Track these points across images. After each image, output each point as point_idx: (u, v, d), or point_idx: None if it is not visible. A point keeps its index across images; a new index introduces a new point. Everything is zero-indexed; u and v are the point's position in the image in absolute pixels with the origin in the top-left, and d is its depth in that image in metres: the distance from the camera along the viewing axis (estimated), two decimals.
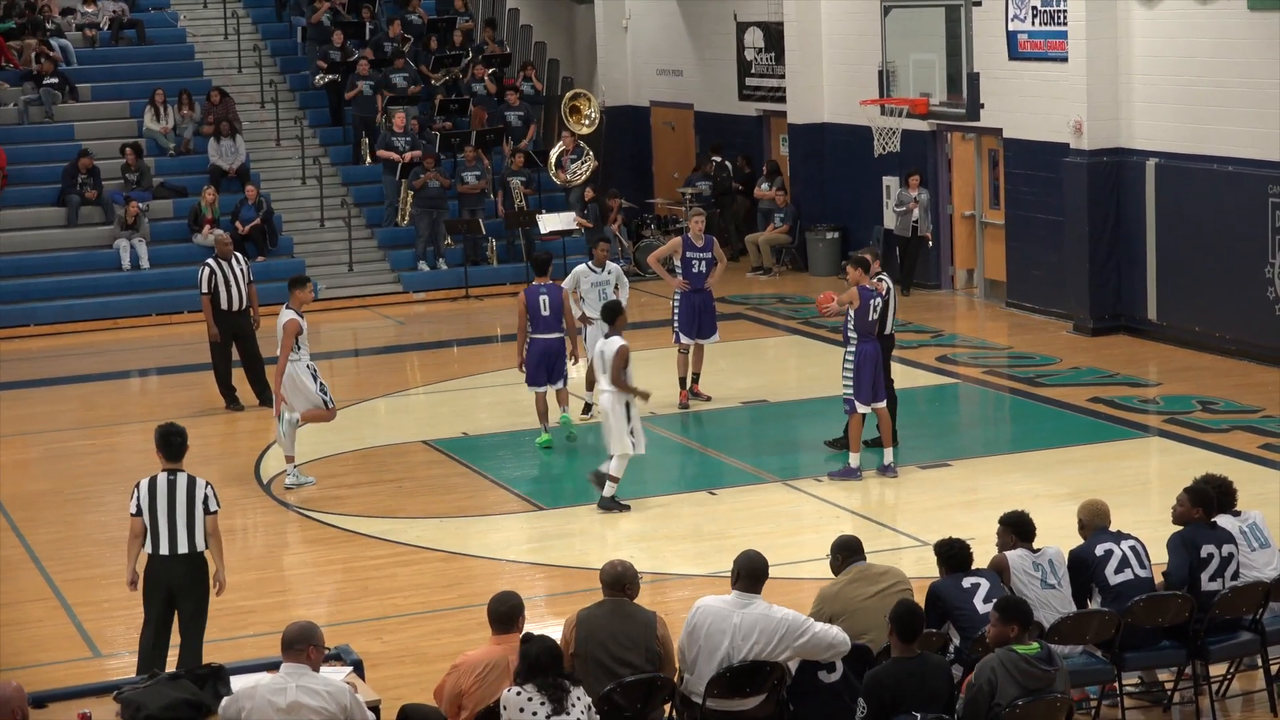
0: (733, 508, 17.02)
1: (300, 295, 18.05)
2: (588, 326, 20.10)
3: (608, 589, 10.49)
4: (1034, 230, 25.44)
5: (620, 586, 10.46)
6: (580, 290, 20.16)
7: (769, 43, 31.57)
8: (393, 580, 15.30)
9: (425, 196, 29.19)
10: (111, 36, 33.52)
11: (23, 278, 28.22)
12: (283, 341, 17.71)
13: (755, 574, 10.38)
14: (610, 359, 16.60)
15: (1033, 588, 11.12)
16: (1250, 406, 19.92)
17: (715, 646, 10.26)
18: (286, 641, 9.47)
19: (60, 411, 22.56)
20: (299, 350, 17.81)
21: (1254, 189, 21.78)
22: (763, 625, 10.23)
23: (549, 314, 18.84)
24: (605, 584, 10.51)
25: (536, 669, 9.40)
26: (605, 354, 16.72)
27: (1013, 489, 16.99)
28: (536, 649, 9.46)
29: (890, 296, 17.87)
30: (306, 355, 17.96)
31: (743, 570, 10.39)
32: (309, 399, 17.98)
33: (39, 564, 16.15)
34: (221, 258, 21.34)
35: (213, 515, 12.17)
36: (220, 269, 21.23)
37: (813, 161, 30.32)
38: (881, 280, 17.79)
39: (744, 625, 10.24)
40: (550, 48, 35.82)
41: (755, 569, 10.39)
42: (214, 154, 30.19)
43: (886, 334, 18.00)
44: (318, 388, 17.98)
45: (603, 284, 20.17)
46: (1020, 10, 25.36)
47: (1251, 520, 11.98)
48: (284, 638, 9.49)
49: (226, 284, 21.19)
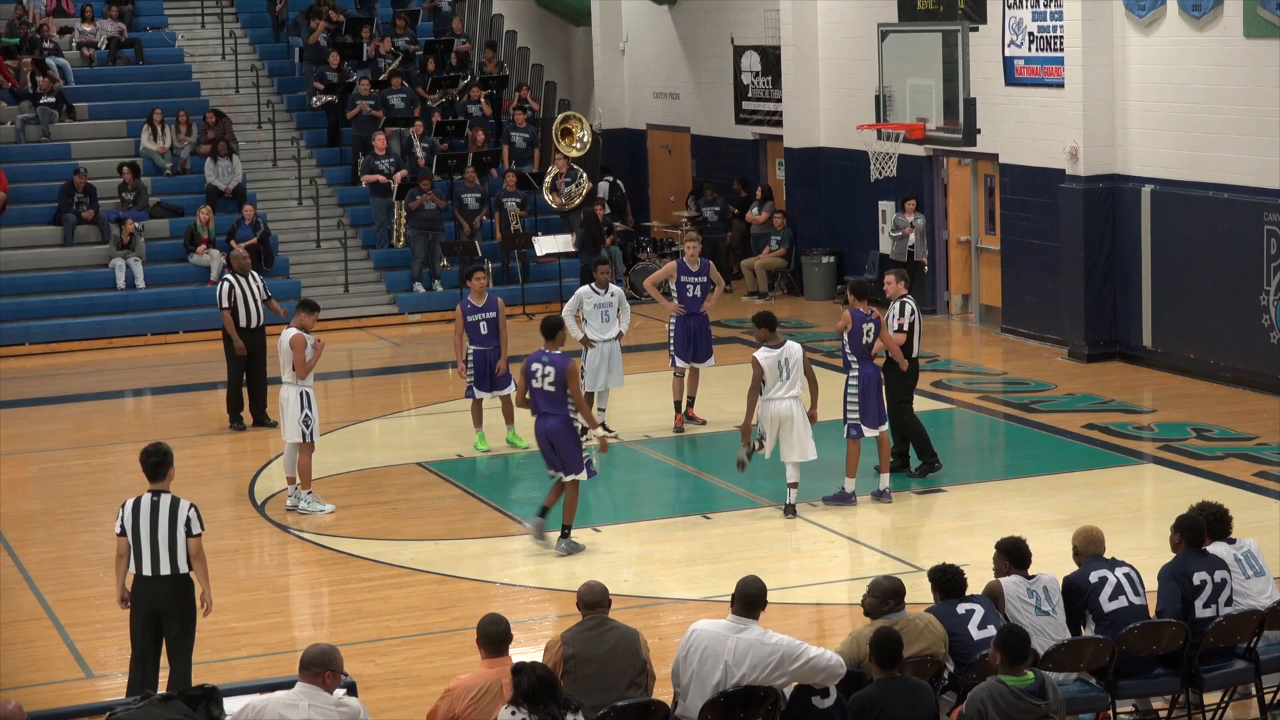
0: (728, 532, 17.00)
1: (306, 319, 18.02)
2: (589, 349, 20.14)
3: (591, 609, 10.56)
4: (1029, 256, 25.46)
5: (604, 605, 10.57)
6: (583, 312, 20.21)
7: (766, 66, 31.61)
8: (386, 602, 15.27)
9: (421, 218, 29.21)
10: (109, 56, 33.54)
11: (18, 296, 28.19)
12: (295, 357, 17.69)
13: (750, 599, 10.35)
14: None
15: (1027, 614, 11.11)
16: (1245, 434, 19.93)
17: (709, 671, 10.24)
18: (305, 662, 9.59)
19: (54, 431, 22.53)
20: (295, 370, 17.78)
21: (1249, 216, 21.80)
22: (757, 650, 10.21)
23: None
24: (589, 604, 10.58)
25: (531, 699, 9.39)
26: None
27: (1007, 515, 16.98)
28: (528, 680, 9.43)
29: (916, 321, 17.97)
30: (310, 377, 17.94)
31: (739, 595, 10.38)
32: (289, 429, 17.90)
33: (32, 584, 16.12)
34: (240, 273, 21.33)
35: (196, 538, 12.12)
36: (239, 285, 21.22)
37: (809, 186, 30.35)
38: (906, 301, 17.92)
39: (738, 650, 10.22)
40: (547, 70, 35.86)
41: (751, 594, 10.37)
42: (210, 174, 30.20)
43: (913, 358, 18.11)
44: (303, 418, 17.87)
45: (605, 306, 20.21)
46: (1017, 36, 25.41)
47: (1246, 548, 11.96)
48: (304, 658, 9.60)
49: (245, 301, 21.20)
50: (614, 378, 20.34)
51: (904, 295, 18.12)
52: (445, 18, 35.46)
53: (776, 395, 16.83)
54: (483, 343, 19.73)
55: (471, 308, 19.74)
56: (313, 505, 17.97)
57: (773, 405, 16.87)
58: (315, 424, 17.93)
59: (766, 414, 16.90)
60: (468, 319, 19.70)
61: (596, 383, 20.26)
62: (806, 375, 16.93)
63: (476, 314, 19.71)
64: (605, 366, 20.21)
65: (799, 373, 16.87)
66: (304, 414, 17.80)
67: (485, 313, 19.73)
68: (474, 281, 20.00)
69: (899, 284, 18.15)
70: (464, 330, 19.73)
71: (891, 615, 10.69)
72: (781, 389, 16.83)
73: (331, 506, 18.05)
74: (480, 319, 19.72)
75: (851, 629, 10.96)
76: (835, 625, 14.25)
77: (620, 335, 20.38)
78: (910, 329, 17.99)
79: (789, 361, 16.82)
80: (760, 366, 16.80)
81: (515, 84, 33.85)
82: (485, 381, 19.84)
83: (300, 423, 17.80)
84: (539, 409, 16.17)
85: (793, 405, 16.87)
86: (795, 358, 16.83)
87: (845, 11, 29.24)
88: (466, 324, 19.71)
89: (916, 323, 18.05)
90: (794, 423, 16.87)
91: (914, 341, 18.08)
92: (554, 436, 16.09)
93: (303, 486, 17.98)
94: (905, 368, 18.04)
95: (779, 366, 16.81)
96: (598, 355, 20.16)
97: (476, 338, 19.72)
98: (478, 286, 19.88)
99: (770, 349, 16.87)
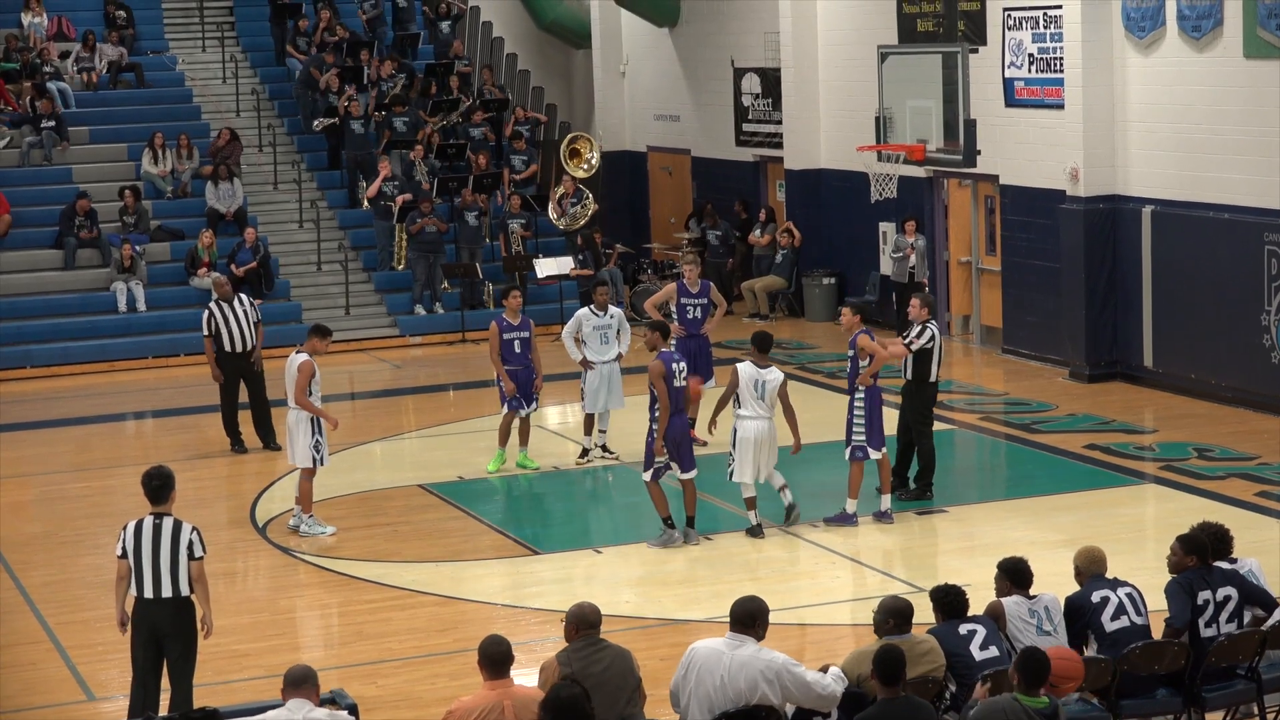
0: (729, 552, 17.00)
1: (318, 344, 18.03)
2: (588, 370, 20.17)
3: (584, 629, 10.55)
4: (1030, 277, 25.48)
5: (596, 625, 10.58)
6: (582, 334, 20.24)
7: (766, 88, 31.65)
8: (387, 624, 15.26)
9: (422, 240, 29.25)
10: (110, 80, 33.57)
11: (20, 320, 28.21)
12: (298, 382, 17.68)
13: (747, 617, 10.36)
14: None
15: (1028, 634, 11.11)
16: (1246, 454, 19.92)
17: (708, 688, 10.25)
18: (295, 680, 9.68)
19: (56, 454, 22.53)
20: (310, 395, 17.79)
21: (1250, 236, 21.82)
22: (752, 666, 10.20)
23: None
24: (582, 625, 10.57)
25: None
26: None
27: (1008, 535, 16.97)
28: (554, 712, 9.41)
29: (936, 345, 17.98)
30: (318, 401, 17.94)
31: (736, 613, 10.41)
32: (299, 454, 17.90)
33: (33, 607, 16.12)
34: (222, 300, 21.41)
35: (198, 561, 12.12)
36: (220, 311, 21.32)
37: (809, 207, 30.37)
38: (928, 328, 17.92)
39: (733, 666, 10.23)
40: (548, 92, 35.93)
41: (748, 612, 10.38)
42: (211, 197, 30.24)
43: (931, 381, 18.13)
44: (313, 444, 17.87)
45: (605, 328, 20.27)
46: (1017, 57, 25.45)
47: (1248, 568, 11.96)
48: (292, 677, 9.68)
49: (228, 326, 21.29)
50: (614, 399, 20.39)
51: (927, 320, 18.06)
52: (446, 41, 35.51)
53: (749, 414, 17.02)
54: (516, 361, 19.80)
55: (507, 325, 19.84)
56: (314, 528, 17.96)
57: (745, 423, 17.03)
58: (325, 449, 17.96)
59: (740, 433, 17.00)
60: (503, 336, 19.77)
61: (596, 404, 20.32)
62: (783, 403, 17.01)
63: (512, 332, 19.82)
64: (605, 388, 20.25)
65: (773, 398, 16.99)
66: (314, 439, 17.80)
67: (520, 331, 19.83)
68: (510, 300, 20.14)
69: (922, 309, 18.11)
70: (499, 348, 19.76)
71: (893, 636, 10.68)
72: (753, 408, 16.98)
73: (333, 529, 18.04)
74: (515, 337, 19.80)
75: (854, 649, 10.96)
76: (837, 646, 14.22)
77: (620, 357, 20.41)
78: (929, 352, 17.97)
79: (765, 385, 16.96)
80: (737, 375, 17.05)
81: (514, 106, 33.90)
82: (518, 400, 19.89)
83: (310, 448, 17.80)
84: (678, 407, 16.91)
85: (766, 425, 17.03)
86: (773, 384, 16.99)
87: (845, 34, 29.29)
88: (502, 342, 19.76)
89: (936, 347, 18.04)
90: (765, 444, 17.04)
91: (933, 365, 18.09)
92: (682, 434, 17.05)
93: (305, 510, 17.98)
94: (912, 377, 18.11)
95: (755, 384, 16.97)
96: (597, 377, 20.21)
97: (510, 356, 19.78)
98: (513, 305, 20.01)
99: (755, 366, 17.01)
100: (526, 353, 19.84)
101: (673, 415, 16.93)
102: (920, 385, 18.22)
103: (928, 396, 18.30)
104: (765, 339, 17.34)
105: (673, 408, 16.92)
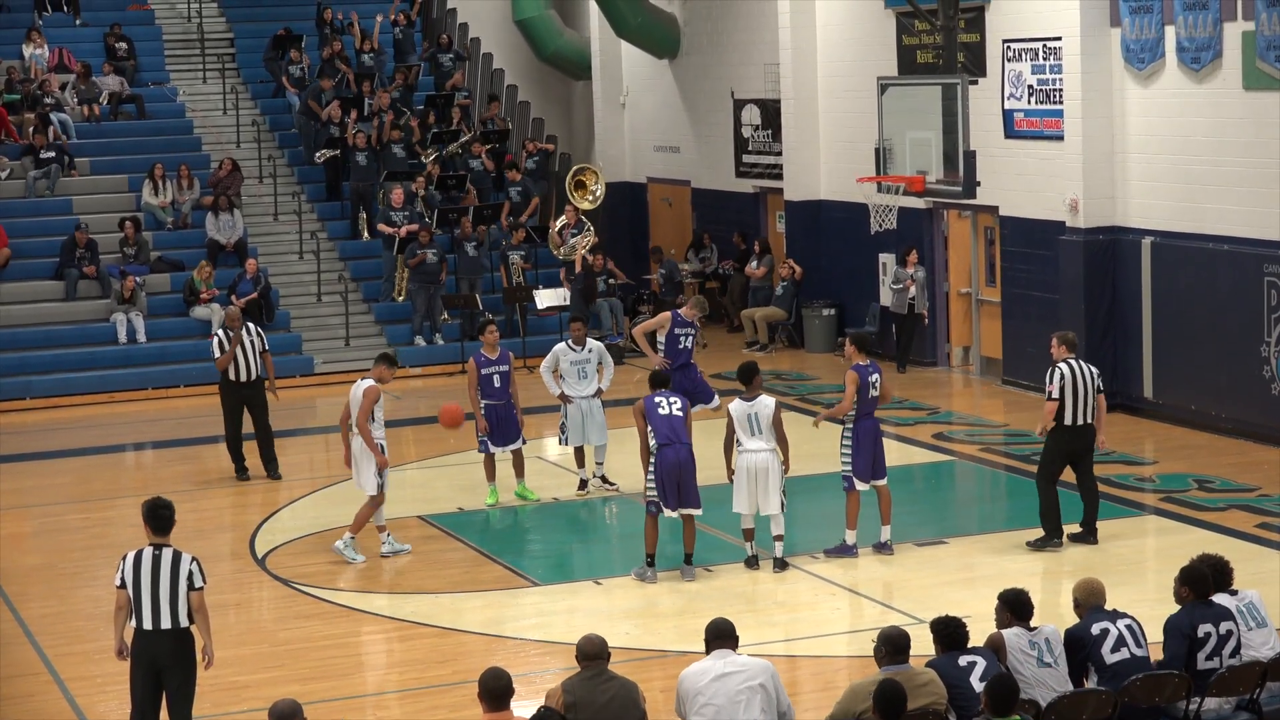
0: (727, 584, 16.97)
1: (384, 372, 18.11)
2: (568, 405, 20.15)
3: (591, 660, 10.67)
4: (1030, 308, 25.48)
5: (604, 657, 10.71)
6: (560, 369, 20.21)
7: (766, 120, 31.70)
8: (388, 656, 15.24)
9: (422, 271, 29.27)
10: (111, 111, 33.62)
11: (20, 351, 28.23)
12: (362, 406, 17.73)
13: (723, 632, 10.89)
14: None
15: (1029, 666, 11.10)
16: (1247, 485, 19.91)
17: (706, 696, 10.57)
18: (282, 714, 9.74)
19: (55, 485, 22.52)
20: (373, 421, 17.82)
21: (1249, 268, 21.83)
22: (741, 664, 10.70)
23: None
24: (589, 656, 10.70)
25: None
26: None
27: (1009, 567, 16.96)
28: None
29: (1066, 385, 17.51)
30: (380, 428, 17.97)
31: (716, 630, 10.92)
32: (365, 482, 17.93)
33: (32, 639, 16.09)
34: (230, 329, 21.42)
35: (198, 591, 12.09)
36: (228, 341, 21.31)
37: (809, 238, 30.40)
38: (1057, 368, 17.54)
39: (725, 668, 10.66)
40: (548, 124, 35.98)
41: (723, 628, 10.92)
42: (212, 228, 30.26)
43: (1065, 424, 17.58)
44: (376, 470, 17.90)
45: (582, 362, 20.24)
46: (1016, 89, 25.50)
47: (1249, 599, 11.96)
48: (277, 711, 9.74)
49: (237, 355, 21.27)
50: (595, 434, 20.29)
51: (1060, 359, 17.74)
52: (446, 73, 35.56)
53: (750, 448, 16.97)
54: (495, 396, 19.71)
55: (485, 360, 19.72)
56: (348, 551, 18.04)
57: (746, 457, 16.98)
58: (385, 477, 18.02)
59: (741, 465, 16.99)
60: (481, 372, 19.68)
61: (577, 439, 20.29)
62: (776, 430, 16.99)
63: (490, 367, 19.70)
64: (585, 423, 20.20)
65: (769, 427, 16.95)
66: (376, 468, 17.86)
67: (499, 365, 19.72)
68: (486, 335, 20.00)
69: (1060, 346, 17.77)
70: (478, 384, 19.70)
71: (889, 668, 10.69)
72: (754, 441, 16.95)
73: (363, 558, 18.06)
74: (494, 372, 19.69)
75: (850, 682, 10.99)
76: (836, 678, 14.21)
77: (599, 392, 20.34)
78: (1061, 393, 17.52)
79: (758, 416, 16.92)
80: (730, 416, 17.05)
81: (519, 139, 33.95)
82: (498, 436, 19.82)
83: (374, 475, 17.85)
84: (676, 437, 16.97)
85: (769, 458, 16.97)
86: (765, 413, 16.95)
87: (845, 65, 29.34)
88: (480, 377, 19.68)
89: (1067, 386, 17.56)
90: (768, 476, 16.95)
91: (1066, 407, 17.54)
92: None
93: (352, 530, 18.03)
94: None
95: (749, 420, 16.94)
96: (577, 412, 20.17)
97: (489, 391, 19.69)
98: (490, 340, 19.87)
99: (744, 401, 17.01)
100: (506, 387, 19.72)
101: (664, 446, 16.87)
102: (1056, 428, 17.75)
103: (1056, 439, 17.72)
104: (748, 370, 17.26)
105: (671, 438, 16.87)
